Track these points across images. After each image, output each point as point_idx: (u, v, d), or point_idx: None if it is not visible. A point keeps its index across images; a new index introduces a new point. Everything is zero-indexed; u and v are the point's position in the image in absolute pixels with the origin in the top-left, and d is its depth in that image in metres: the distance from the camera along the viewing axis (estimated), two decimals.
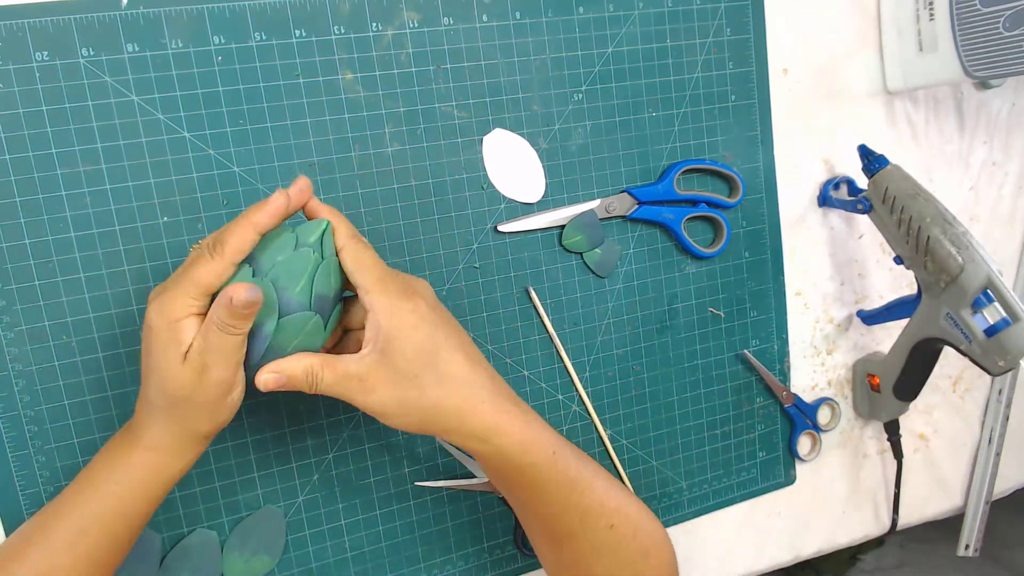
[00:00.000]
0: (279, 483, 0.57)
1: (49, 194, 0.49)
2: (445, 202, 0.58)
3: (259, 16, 0.52)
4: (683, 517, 0.69)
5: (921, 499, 0.80)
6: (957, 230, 0.60)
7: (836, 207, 0.70)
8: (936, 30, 0.66)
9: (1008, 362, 0.59)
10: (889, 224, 0.64)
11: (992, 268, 0.59)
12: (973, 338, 0.60)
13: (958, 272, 0.60)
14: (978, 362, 0.61)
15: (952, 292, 0.61)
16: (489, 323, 0.61)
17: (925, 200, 0.61)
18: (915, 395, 0.70)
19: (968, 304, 0.60)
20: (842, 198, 0.69)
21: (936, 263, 0.61)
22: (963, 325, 0.61)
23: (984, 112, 0.77)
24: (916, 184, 0.62)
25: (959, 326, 0.61)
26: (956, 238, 0.60)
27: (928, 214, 0.61)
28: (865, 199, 0.65)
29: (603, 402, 0.65)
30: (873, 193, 0.64)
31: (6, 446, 0.50)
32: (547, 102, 0.60)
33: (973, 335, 0.60)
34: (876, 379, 0.71)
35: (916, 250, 0.62)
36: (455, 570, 0.62)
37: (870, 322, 0.73)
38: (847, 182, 0.71)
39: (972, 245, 0.60)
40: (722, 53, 0.65)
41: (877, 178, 0.64)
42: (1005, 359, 0.59)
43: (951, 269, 0.60)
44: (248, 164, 0.53)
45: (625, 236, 0.64)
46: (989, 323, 0.60)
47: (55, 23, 0.48)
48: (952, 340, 0.62)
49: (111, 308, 0.51)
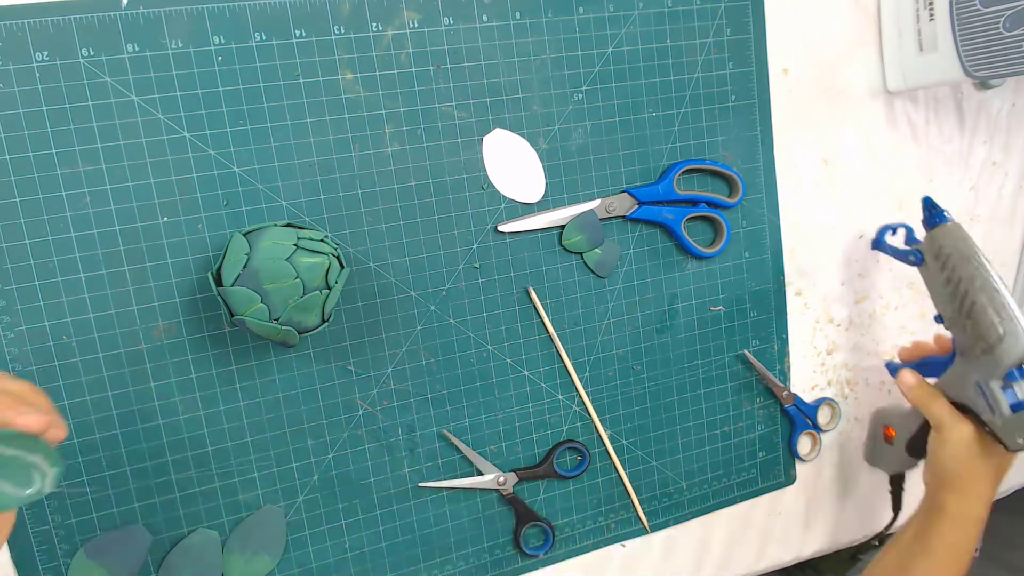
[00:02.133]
0: (279, 483, 0.57)
1: (49, 194, 0.49)
2: (445, 202, 0.58)
3: (259, 16, 0.52)
4: (683, 517, 0.69)
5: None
6: (1005, 300, 0.59)
7: (888, 253, 0.69)
8: (936, 30, 0.66)
9: None
10: (938, 281, 0.63)
11: None
12: (998, 410, 0.59)
13: (997, 342, 0.59)
14: (998, 435, 0.60)
15: (987, 361, 0.60)
16: (489, 323, 0.61)
17: (978, 264, 0.60)
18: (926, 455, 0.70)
19: (1000, 376, 0.59)
20: (896, 246, 0.68)
21: (977, 330, 0.60)
22: (990, 396, 0.60)
23: (984, 112, 0.77)
24: (974, 247, 0.61)
25: (986, 395, 0.60)
26: (1002, 308, 0.59)
27: (979, 279, 0.60)
28: (918, 251, 0.64)
29: (603, 402, 0.65)
30: (928, 247, 0.63)
31: None
32: (547, 102, 0.60)
33: (999, 407, 0.59)
34: (892, 431, 0.70)
35: (960, 312, 0.61)
36: (455, 570, 0.62)
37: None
38: (906, 229, 0.70)
39: (1016, 318, 0.59)
40: (722, 53, 0.65)
41: (935, 233, 0.63)
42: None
43: (990, 338, 0.59)
44: (248, 164, 0.53)
45: (625, 236, 0.64)
46: (1018, 398, 0.59)
47: (55, 23, 0.48)
48: (976, 408, 0.61)
49: (111, 308, 0.51)
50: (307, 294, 0.49)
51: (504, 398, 0.62)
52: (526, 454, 0.63)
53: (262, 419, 0.56)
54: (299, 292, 0.48)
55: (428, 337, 0.59)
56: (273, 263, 0.48)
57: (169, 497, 0.54)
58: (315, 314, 0.50)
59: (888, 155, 0.73)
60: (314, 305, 0.49)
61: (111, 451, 0.53)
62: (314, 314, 0.50)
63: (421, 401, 0.60)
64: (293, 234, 0.50)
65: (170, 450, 0.54)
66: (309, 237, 0.50)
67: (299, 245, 0.49)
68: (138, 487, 0.53)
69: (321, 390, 0.57)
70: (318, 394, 0.57)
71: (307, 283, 0.49)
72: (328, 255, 0.50)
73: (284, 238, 0.49)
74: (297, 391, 0.56)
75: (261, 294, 0.48)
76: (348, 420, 0.58)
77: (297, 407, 0.57)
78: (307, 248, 0.49)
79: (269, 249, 0.48)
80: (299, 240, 0.50)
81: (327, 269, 0.49)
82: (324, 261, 0.49)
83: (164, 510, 0.54)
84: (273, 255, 0.48)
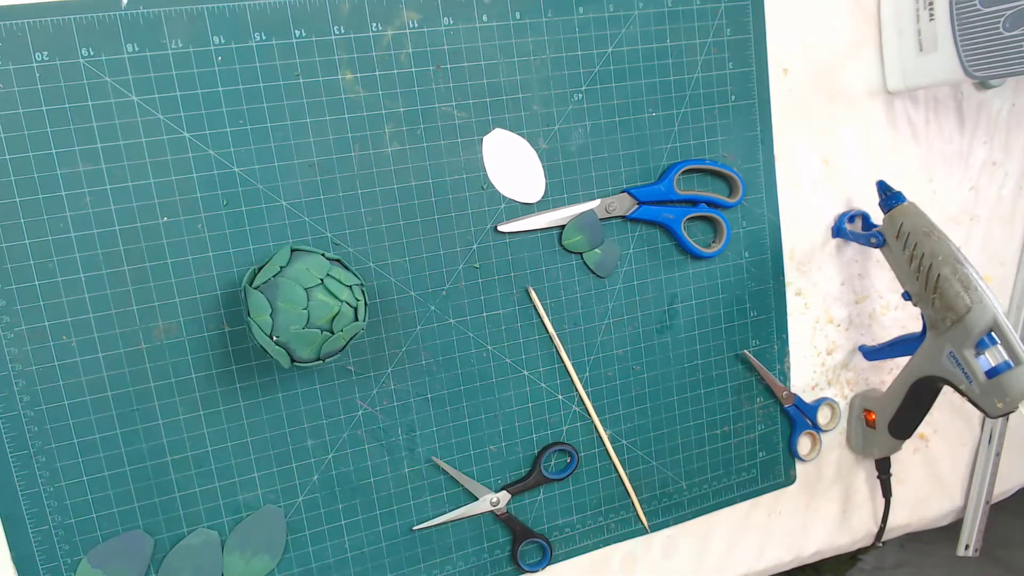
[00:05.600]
0: (279, 483, 0.57)
1: (49, 194, 0.49)
2: (445, 202, 0.58)
3: (259, 16, 0.52)
4: (683, 517, 0.69)
5: (921, 499, 0.80)
6: (967, 271, 0.60)
7: (850, 239, 0.70)
8: (936, 30, 0.66)
9: (1007, 404, 0.60)
10: (901, 260, 0.64)
11: (999, 310, 0.60)
12: (974, 379, 0.61)
13: (965, 312, 0.60)
14: (976, 403, 0.61)
15: (957, 331, 0.61)
16: (489, 323, 0.61)
17: (938, 239, 0.61)
18: (910, 434, 0.71)
19: (972, 345, 0.61)
20: (856, 231, 0.69)
21: (944, 301, 0.61)
22: (965, 365, 0.61)
23: (984, 112, 0.77)
24: (930, 222, 0.63)
25: (961, 366, 0.61)
26: (966, 279, 0.60)
27: (940, 252, 0.61)
28: (879, 233, 0.65)
29: (603, 402, 0.65)
30: (888, 228, 0.64)
31: (6, 446, 0.50)
32: (547, 102, 0.60)
33: (974, 376, 0.61)
34: (872, 415, 0.71)
35: (925, 287, 0.62)
36: (455, 570, 0.62)
37: (872, 357, 0.73)
38: (862, 216, 0.71)
39: (981, 287, 0.60)
40: (722, 53, 0.65)
41: (893, 214, 0.64)
42: (1004, 401, 0.60)
43: (958, 308, 0.60)
44: (248, 164, 0.53)
45: (625, 236, 0.64)
46: (991, 365, 0.60)
47: (55, 23, 0.48)
48: (952, 379, 0.62)
49: (111, 308, 0.51)
50: (308, 328, 0.49)
51: (504, 398, 0.62)
52: (526, 454, 0.63)
53: (262, 419, 0.56)
54: (302, 322, 0.49)
55: (428, 337, 0.59)
56: (292, 285, 0.49)
57: (169, 497, 0.54)
58: (311, 350, 0.50)
59: (888, 155, 0.73)
60: (311, 341, 0.50)
61: (111, 451, 0.53)
62: (310, 349, 0.50)
63: (421, 401, 0.60)
64: (326, 269, 0.50)
65: (170, 450, 0.54)
66: (338, 279, 0.50)
67: (324, 281, 0.50)
68: (138, 487, 0.53)
69: (321, 390, 0.57)
70: (318, 394, 0.57)
71: (312, 318, 0.49)
72: (343, 303, 0.50)
73: (316, 268, 0.50)
74: (297, 391, 0.56)
75: (273, 308, 0.49)
76: (348, 420, 0.58)
77: (297, 407, 0.57)
78: (329, 287, 0.50)
79: (298, 272, 0.50)
80: (327, 276, 0.50)
81: (334, 315, 0.50)
82: (334, 306, 0.50)
83: (164, 510, 0.54)
84: (297, 278, 0.49)
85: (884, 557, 1.23)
